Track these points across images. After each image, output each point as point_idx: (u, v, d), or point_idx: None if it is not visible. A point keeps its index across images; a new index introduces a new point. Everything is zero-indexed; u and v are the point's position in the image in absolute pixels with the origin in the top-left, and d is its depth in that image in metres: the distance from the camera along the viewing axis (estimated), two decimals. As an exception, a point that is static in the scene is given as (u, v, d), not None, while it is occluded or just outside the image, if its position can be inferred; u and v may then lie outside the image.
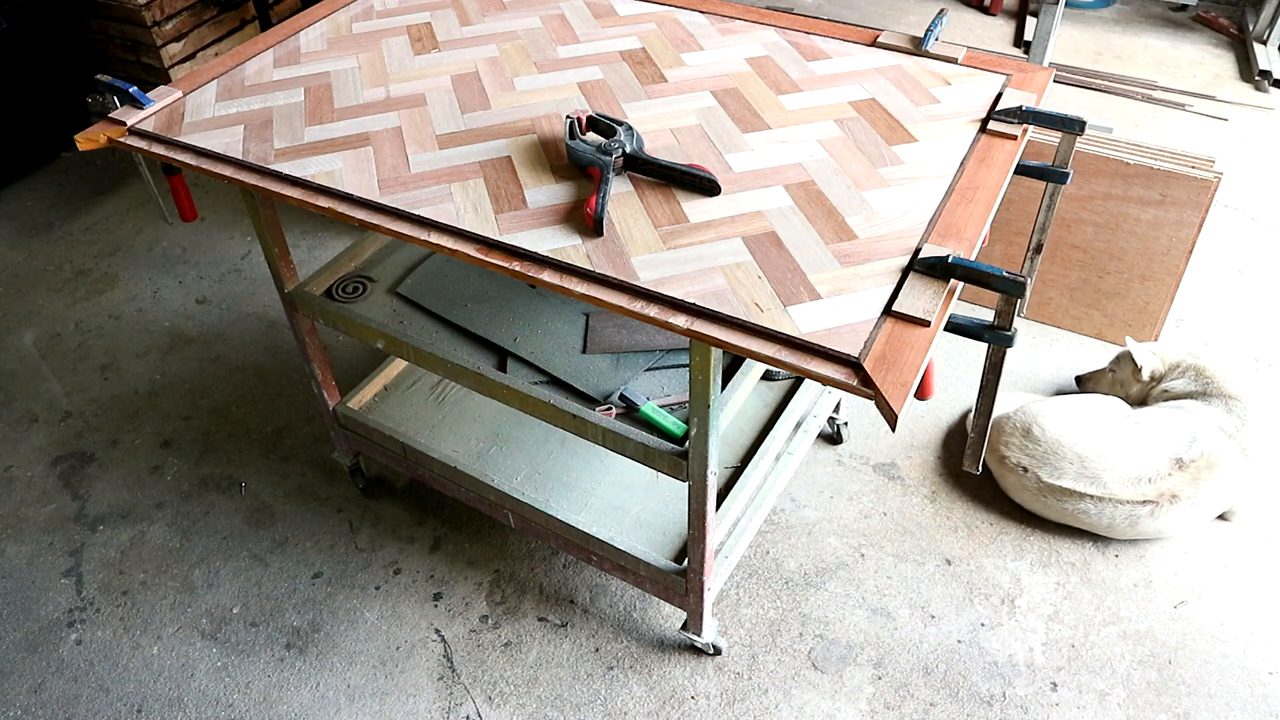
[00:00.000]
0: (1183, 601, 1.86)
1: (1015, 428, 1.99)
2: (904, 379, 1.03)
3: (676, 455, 1.37)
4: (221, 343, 2.53)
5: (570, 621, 1.85)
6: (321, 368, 1.83)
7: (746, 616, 1.84)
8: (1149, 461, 1.86)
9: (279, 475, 2.16)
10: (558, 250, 1.22)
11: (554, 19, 1.76)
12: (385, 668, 1.79)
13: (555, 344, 1.58)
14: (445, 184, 1.34)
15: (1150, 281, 2.31)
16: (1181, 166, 2.16)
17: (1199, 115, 3.39)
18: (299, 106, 1.51)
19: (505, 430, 1.88)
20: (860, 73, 1.57)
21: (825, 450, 2.17)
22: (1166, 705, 1.69)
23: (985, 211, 1.26)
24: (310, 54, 1.66)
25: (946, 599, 1.87)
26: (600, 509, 1.73)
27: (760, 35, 1.69)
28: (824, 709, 1.70)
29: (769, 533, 1.99)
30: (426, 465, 1.81)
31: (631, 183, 1.34)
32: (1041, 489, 1.91)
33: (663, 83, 1.56)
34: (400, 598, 1.90)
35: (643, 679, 1.75)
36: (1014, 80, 1.53)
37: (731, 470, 1.77)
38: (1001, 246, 2.44)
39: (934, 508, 2.04)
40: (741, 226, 1.25)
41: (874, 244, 1.21)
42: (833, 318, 1.11)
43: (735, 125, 1.45)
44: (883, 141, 1.40)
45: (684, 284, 1.16)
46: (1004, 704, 1.70)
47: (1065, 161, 1.46)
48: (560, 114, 1.49)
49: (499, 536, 2.00)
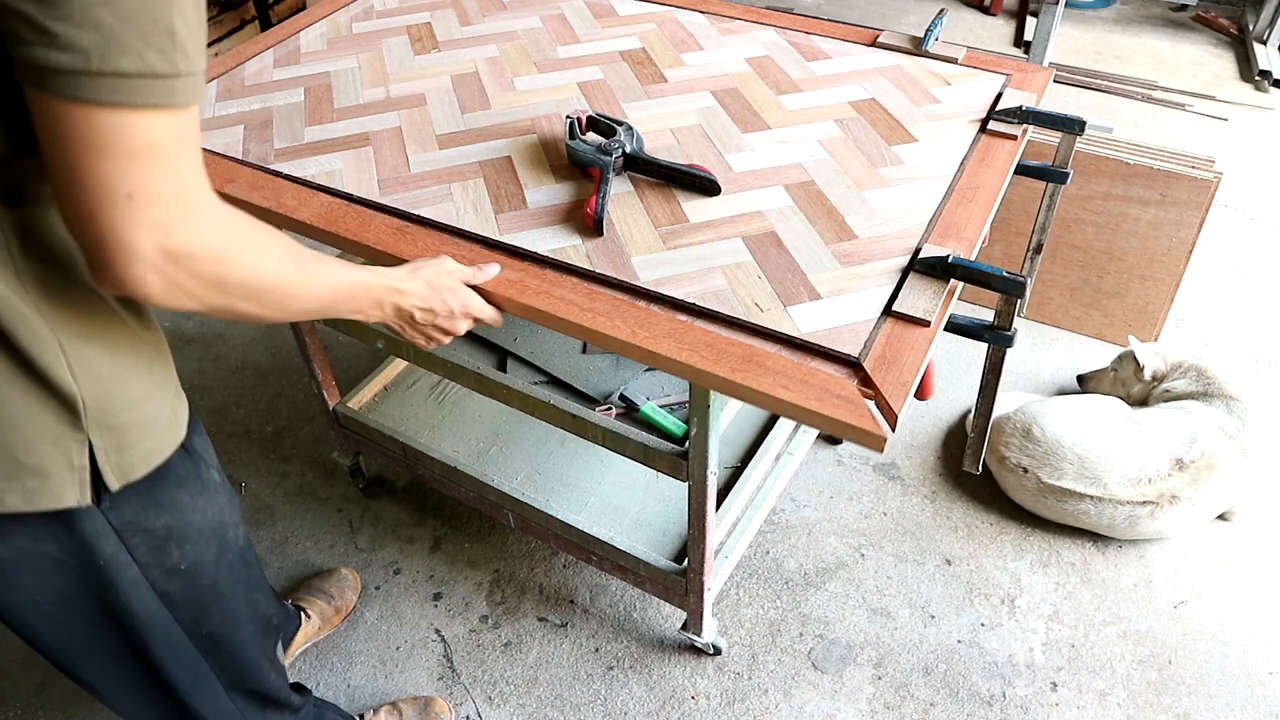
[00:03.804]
0: (1183, 601, 1.86)
1: (1015, 428, 1.99)
2: (904, 379, 1.03)
3: (676, 455, 1.37)
4: (221, 343, 2.53)
5: (570, 621, 1.85)
6: (321, 368, 1.83)
7: (746, 616, 1.84)
8: (1149, 462, 1.85)
9: (279, 475, 2.16)
10: (558, 250, 1.22)
11: (554, 19, 1.76)
12: (385, 668, 1.79)
13: (555, 344, 1.58)
14: (445, 184, 1.34)
15: (1150, 281, 2.31)
16: (1181, 166, 2.16)
17: (1199, 115, 3.40)
18: (299, 106, 1.51)
19: (505, 430, 1.88)
20: (860, 73, 1.57)
21: (825, 450, 2.17)
22: (1166, 705, 1.69)
23: (985, 211, 1.26)
24: (310, 54, 1.66)
25: (946, 599, 1.87)
26: (600, 509, 1.73)
27: (760, 35, 1.69)
28: (824, 709, 1.70)
29: (769, 533, 1.99)
30: (426, 465, 1.81)
31: (631, 183, 1.34)
32: (1041, 489, 1.91)
33: (663, 83, 1.56)
34: (400, 598, 1.90)
35: (643, 679, 1.75)
36: (1014, 80, 1.53)
37: (731, 470, 1.77)
38: (1001, 246, 2.44)
39: (934, 508, 2.04)
40: (741, 226, 1.25)
41: (874, 244, 1.21)
42: (833, 318, 1.11)
43: (735, 125, 1.45)
44: (883, 141, 1.40)
45: (684, 284, 1.16)
46: (1004, 704, 1.70)
47: (1065, 161, 1.46)
48: (560, 114, 1.49)
49: (499, 536, 2.00)
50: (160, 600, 0.98)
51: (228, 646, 1.11)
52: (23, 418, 0.79)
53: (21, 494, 0.81)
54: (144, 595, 0.97)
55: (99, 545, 0.90)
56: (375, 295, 1.03)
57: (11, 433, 0.79)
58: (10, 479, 0.80)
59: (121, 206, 0.67)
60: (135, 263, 0.69)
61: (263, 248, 0.82)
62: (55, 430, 0.81)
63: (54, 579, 0.90)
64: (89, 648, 1.00)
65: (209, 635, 1.07)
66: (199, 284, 0.75)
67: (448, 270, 1.12)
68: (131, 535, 0.92)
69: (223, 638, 1.09)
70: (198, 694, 1.10)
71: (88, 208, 0.67)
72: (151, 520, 0.93)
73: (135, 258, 0.69)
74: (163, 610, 1.00)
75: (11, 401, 0.78)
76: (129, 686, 1.06)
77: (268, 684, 1.22)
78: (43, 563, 0.88)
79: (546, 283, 1.17)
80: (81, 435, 0.82)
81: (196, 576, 1.01)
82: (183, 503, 0.96)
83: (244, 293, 0.80)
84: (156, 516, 0.93)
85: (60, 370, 0.79)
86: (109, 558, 0.91)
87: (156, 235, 0.69)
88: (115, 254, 0.69)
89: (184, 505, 0.96)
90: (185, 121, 0.69)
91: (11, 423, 0.79)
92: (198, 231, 0.72)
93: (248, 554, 1.11)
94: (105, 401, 0.83)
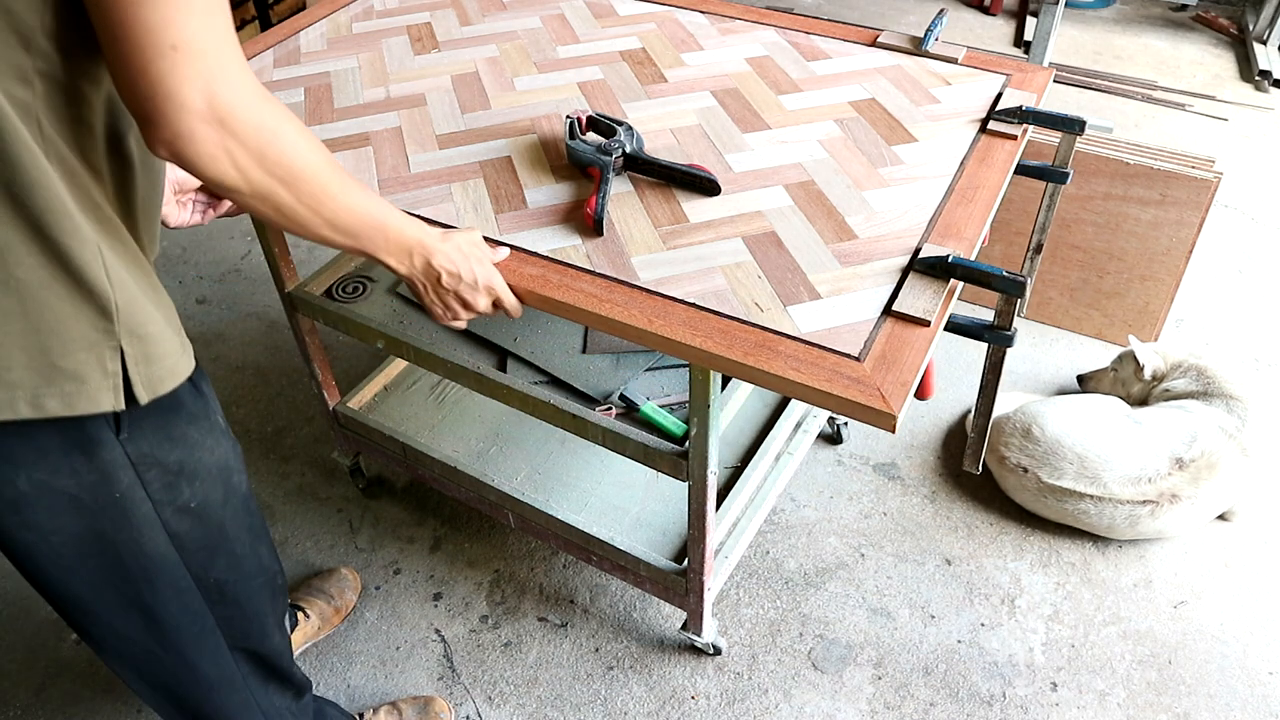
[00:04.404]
0: (1183, 601, 1.86)
1: (1015, 428, 1.99)
2: (904, 379, 1.03)
3: (676, 455, 1.37)
4: (221, 343, 2.53)
5: (570, 621, 1.85)
6: (321, 368, 1.83)
7: (746, 616, 1.84)
8: (1149, 461, 1.86)
9: (279, 475, 2.16)
10: (558, 250, 1.22)
11: (554, 19, 1.76)
12: (385, 668, 1.79)
13: (555, 344, 1.58)
14: (445, 184, 1.34)
15: (1150, 281, 2.31)
16: (1181, 166, 2.16)
17: (1199, 115, 3.40)
18: (299, 106, 1.51)
19: (505, 430, 1.88)
20: (860, 73, 1.57)
21: (825, 450, 2.17)
22: (1166, 705, 1.70)
23: (985, 211, 1.26)
24: (310, 54, 1.66)
25: (946, 599, 1.87)
26: (600, 509, 1.73)
27: (760, 35, 1.69)
28: (824, 709, 1.70)
29: (769, 533, 1.99)
30: (426, 465, 1.81)
31: (631, 183, 1.34)
32: (1041, 489, 1.91)
33: (663, 83, 1.56)
34: (400, 598, 1.90)
35: (643, 679, 1.75)
36: (1014, 80, 1.53)
37: (731, 470, 1.77)
38: (1001, 246, 2.44)
39: (934, 508, 2.04)
40: (741, 226, 1.25)
41: (874, 244, 1.21)
42: (833, 317, 1.11)
43: (735, 125, 1.45)
44: (883, 141, 1.40)
45: (684, 284, 1.16)
46: (1004, 704, 1.70)
47: (1065, 161, 1.46)
48: (560, 114, 1.49)
49: (499, 536, 2.00)
50: (171, 541, 0.99)
51: (233, 596, 1.11)
52: (60, 320, 0.80)
53: (60, 398, 0.82)
54: (156, 534, 0.98)
55: (116, 477, 0.91)
56: (407, 241, 1.05)
57: (49, 337, 0.80)
58: (49, 383, 0.81)
59: (169, 57, 0.72)
60: (185, 114, 0.75)
61: (304, 134, 0.87)
62: (91, 335, 0.82)
63: (70, 517, 0.91)
64: (97, 595, 1.00)
65: (216, 583, 1.08)
66: (243, 150, 0.80)
67: (476, 241, 1.15)
68: (147, 469, 0.93)
69: (229, 585, 1.10)
70: (200, 649, 1.10)
71: (138, 64, 0.72)
72: (165, 454, 0.94)
73: (184, 109, 0.74)
74: (173, 552, 1.00)
75: (49, 304, 0.79)
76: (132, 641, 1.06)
77: (271, 645, 1.22)
78: (60, 499, 0.89)
79: (567, 277, 1.18)
80: (114, 341, 0.83)
81: (205, 517, 1.02)
82: (193, 439, 0.97)
83: (284, 173, 0.85)
84: (170, 450, 0.95)
85: (98, 270, 0.80)
86: (125, 490, 0.92)
87: (203, 86, 0.74)
88: (166, 106, 0.74)
89: (194, 441, 0.98)
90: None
91: (49, 326, 0.80)
92: (242, 89, 0.78)
93: (250, 503, 1.12)
94: (134, 310, 0.85)
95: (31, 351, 0.80)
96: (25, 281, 0.78)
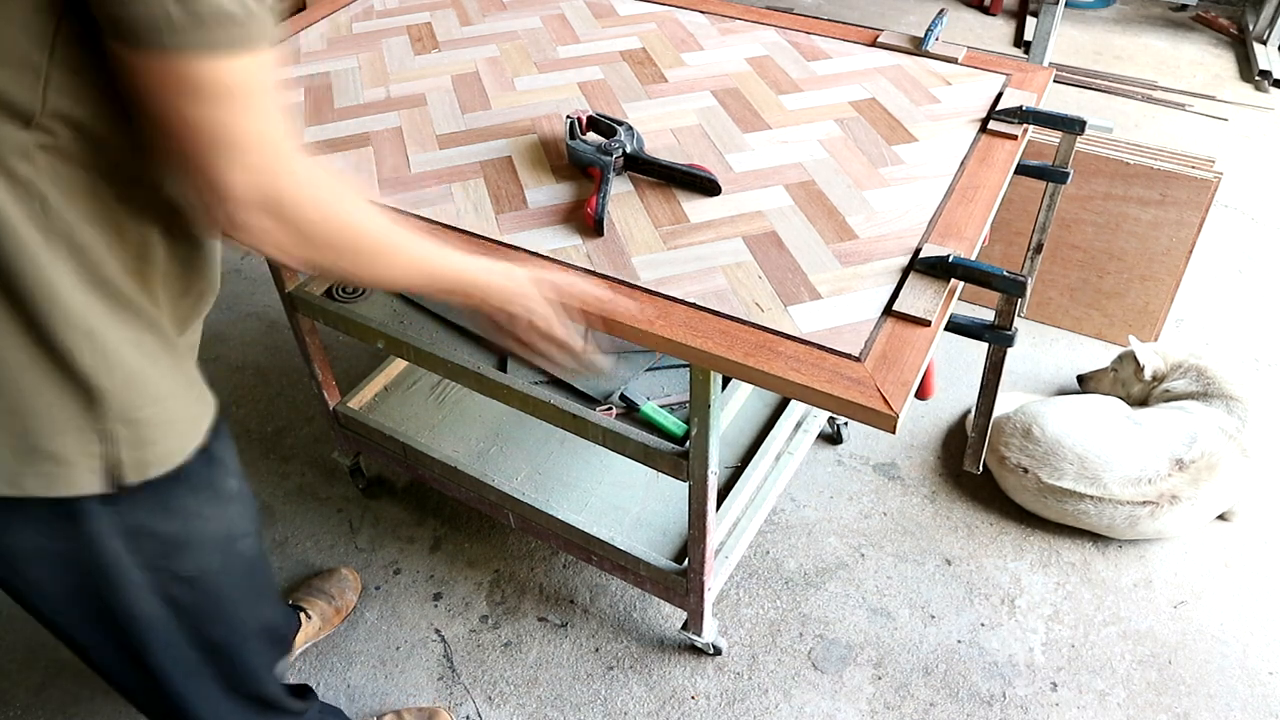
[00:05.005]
0: (1183, 601, 1.86)
1: (1015, 428, 1.99)
2: (905, 378, 1.03)
3: (676, 455, 1.37)
4: (221, 343, 2.53)
5: (570, 621, 1.85)
6: (321, 368, 1.83)
7: (746, 616, 1.84)
8: (1149, 462, 1.85)
9: (279, 475, 2.16)
10: (558, 250, 1.22)
11: (554, 19, 1.76)
12: (385, 668, 1.79)
13: (555, 344, 1.58)
14: (446, 184, 1.34)
15: (1150, 281, 2.31)
16: (1181, 166, 2.16)
17: (1199, 115, 3.40)
18: (299, 106, 1.51)
19: (505, 430, 1.88)
20: (860, 73, 1.57)
21: (825, 450, 2.17)
22: (1166, 705, 1.69)
23: (985, 211, 1.26)
24: (310, 54, 1.66)
25: (946, 599, 1.87)
26: (600, 509, 1.73)
27: (760, 35, 1.69)
28: (824, 709, 1.70)
29: (769, 533, 1.99)
30: (426, 465, 1.81)
31: (632, 183, 1.34)
32: (1041, 489, 1.91)
33: (663, 83, 1.56)
34: (400, 598, 1.90)
35: (643, 679, 1.75)
36: (1014, 80, 1.53)
37: (731, 470, 1.77)
38: (1001, 246, 2.44)
39: (934, 508, 2.04)
40: (742, 226, 1.25)
41: (874, 244, 1.21)
42: (833, 317, 1.11)
43: (735, 125, 1.45)
44: (883, 141, 1.40)
45: (684, 284, 1.16)
46: (1004, 704, 1.70)
47: (1065, 161, 1.46)
48: (560, 114, 1.49)
49: (499, 536, 2.00)
50: (164, 604, 0.98)
51: (229, 655, 1.10)
52: (43, 403, 0.79)
53: (39, 478, 0.81)
54: (147, 599, 0.96)
55: (105, 545, 0.89)
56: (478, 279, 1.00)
57: (30, 418, 0.79)
58: (29, 464, 0.80)
59: (226, 155, 0.72)
60: (240, 208, 0.74)
61: (358, 206, 0.86)
62: (76, 420, 0.81)
63: (61, 574, 0.91)
64: (91, 640, 1.00)
65: (212, 643, 1.07)
66: (296, 234, 0.79)
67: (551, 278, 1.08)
68: (139, 539, 0.91)
69: (226, 647, 1.09)
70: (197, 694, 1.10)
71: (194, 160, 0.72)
72: (161, 525, 0.93)
73: (240, 204, 0.74)
74: (167, 614, 0.99)
75: (32, 386, 0.78)
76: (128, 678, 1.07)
77: (268, 691, 1.22)
78: (51, 557, 0.89)
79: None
80: (102, 426, 0.82)
81: (202, 584, 1.01)
82: (193, 509, 0.95)
83: (339, 246, 0.84)
84: (167, 521, 0.93)
85: (83, 356, 0.79)
86: (114, 559, 0.91)
87: (259, 181, 0.74)
88: (221, 199, 0.73)
89: (194, 512, 0.96)
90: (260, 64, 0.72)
91: (30, 408, 0.79)
92: (296, 181, 0.77)
93: (257, 564, 1.10)
94: (132, 392, 0.83)
95: (11, 432, 0.79)
96: (6, 362, 0.76)
